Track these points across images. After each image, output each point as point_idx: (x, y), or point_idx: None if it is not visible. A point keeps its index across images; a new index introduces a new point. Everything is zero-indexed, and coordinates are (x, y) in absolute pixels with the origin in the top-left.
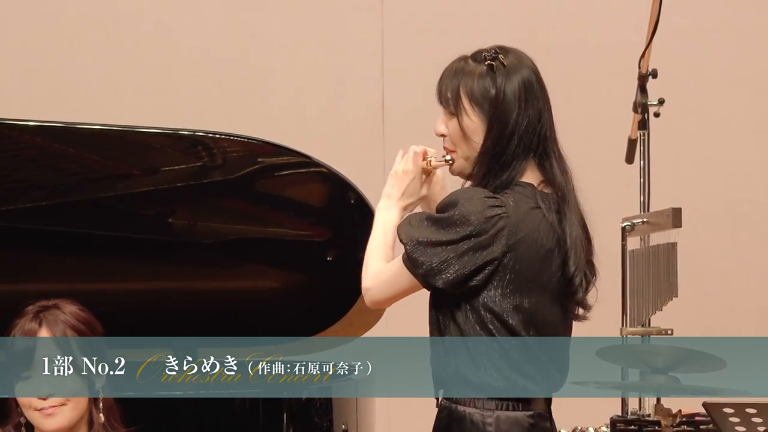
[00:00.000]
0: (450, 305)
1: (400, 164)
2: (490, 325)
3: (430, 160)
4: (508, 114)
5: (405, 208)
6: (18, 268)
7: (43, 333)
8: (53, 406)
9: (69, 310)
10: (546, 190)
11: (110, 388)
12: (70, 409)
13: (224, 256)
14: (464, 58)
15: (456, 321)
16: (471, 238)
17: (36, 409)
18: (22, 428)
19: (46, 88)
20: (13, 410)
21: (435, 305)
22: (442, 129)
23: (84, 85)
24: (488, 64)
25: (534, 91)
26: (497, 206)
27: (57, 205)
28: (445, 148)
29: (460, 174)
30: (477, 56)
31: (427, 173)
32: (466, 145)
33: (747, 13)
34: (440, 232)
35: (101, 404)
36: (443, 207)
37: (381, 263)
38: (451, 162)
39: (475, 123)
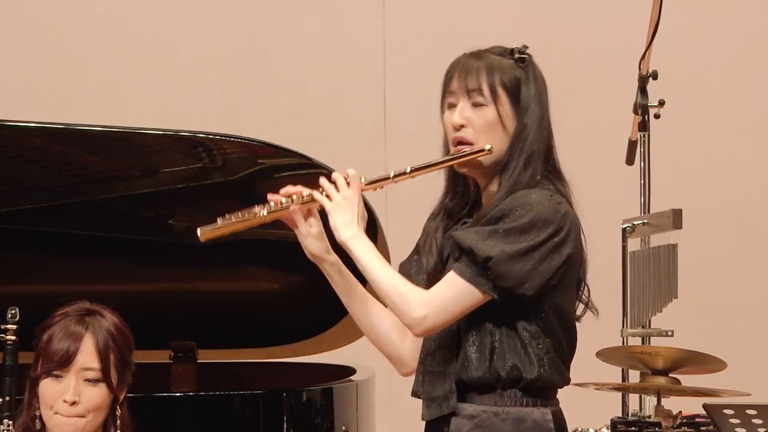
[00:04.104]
0: (516, 311)
1: (338, 194)
2: (557, 325)
3: (369, 181)
4: (541, 112)
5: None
6: (18, 270)
7: (88, 338)
8: (74, 416)
9: (111, 319)
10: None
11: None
12: (87, 422)
13: (224, 258)
14: (488, 52)
15: (519, 324)
16: (552, 238)
17: (57, 413)
18: (37, 421)
19: (47, 90)
20: (29, 402)
21: (493, 314)
22: (463, 121)
23: (84, 86)
24: (519, 57)
25: (547, 87)
26: (560, 203)
27: (57, 206)
28: (460, 140)
29: (481, 173)
30: (500, 51)
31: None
32: (501, 135)
33: (747, 14)
34: (522, 239)
35: (119, 421)
36: (509, 213)
37: (414, 289)
38: (491, 150)
39: (508, 113)
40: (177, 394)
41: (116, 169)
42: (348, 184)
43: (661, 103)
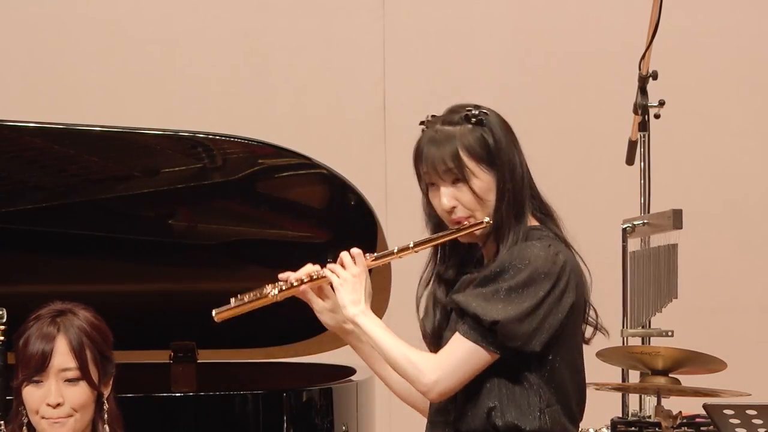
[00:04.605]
0: (520, 363)
1: (345, 271)
2: (563, 372)
3: (375, 258)
4: (512, 159)
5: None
6: (18, 270)
7: (61, 339)
8: (61, 417)
9: (84, 316)
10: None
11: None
12: (75, 420)
13: (224, 258)
14: (445, 124)
15: (521, 376)
16: (553, 291)
17: (43, 417)
18: (24, 428)
19: (47, 90)
20: (15, 409)
21: (495, 367)
22: (453, 202)
23: (84, 86)
24: (477, 120)
25: (512, 131)
26: (558, 253)
27: (57, 206)
28: (458, 221)
29: (482, 238)
30: (454, 118)
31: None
32: (483, 206)
33: (747, 14)
34: (524, 297)
35: (105, 415)
36: (507, 269)
37: (423, 355)
38: (490, 221)
39: (485, 181)
40: (177, 394)
41: (116, 169)
42: (354, 261)
43: (661, 103)
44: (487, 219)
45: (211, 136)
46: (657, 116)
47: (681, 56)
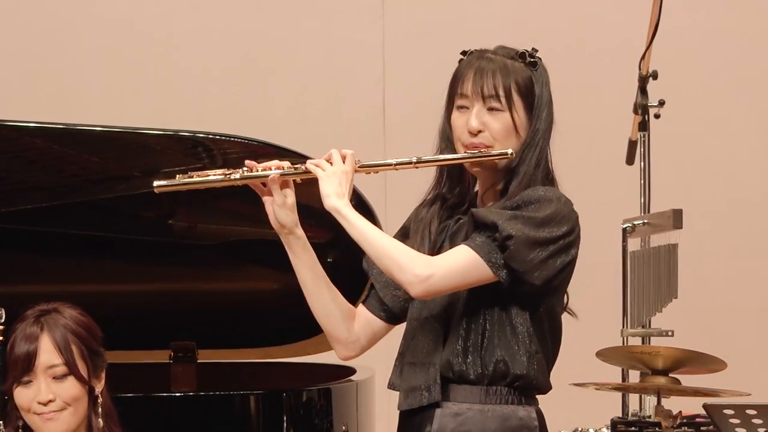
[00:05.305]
0: (512, 305)
1: (338, 166)
2: (547, 329)
3: (364, 165)
4: (550, 112)
5: None
6: (18, 270)
7: (45, 337)
8: (53, 411)
9: (69, 314)
10: None
11: (111, 387)
12: (70, 414)
13: (224, 258)
14: (498, 55)
15: (514, 319)
16: (567, 237)
17: (36, 413)
18: (20, 430)
19: (47, 90)
20: (11, 412)
21: (488, 306)
22: (481, 126)
23: (85, 86)
24: (531, 61)
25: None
26: (573, 207)
27: (57, 206)
28: (477, 146)
29: (491, 174)
30: (508, 52)
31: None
32: (515, 140)
33: (747, 14)
34: (542, 230)
35: (100, 409)
36: (530, 203)
37: (418, 252)
38: (514, 154)
39: (522, 118)
40: (177, 394)
41: (116, 169)
42: (344, 160)
43: (661, 103)
44: (511, 151)
45: (211, 136)
46: (657, 116)
47: (681, 56)
